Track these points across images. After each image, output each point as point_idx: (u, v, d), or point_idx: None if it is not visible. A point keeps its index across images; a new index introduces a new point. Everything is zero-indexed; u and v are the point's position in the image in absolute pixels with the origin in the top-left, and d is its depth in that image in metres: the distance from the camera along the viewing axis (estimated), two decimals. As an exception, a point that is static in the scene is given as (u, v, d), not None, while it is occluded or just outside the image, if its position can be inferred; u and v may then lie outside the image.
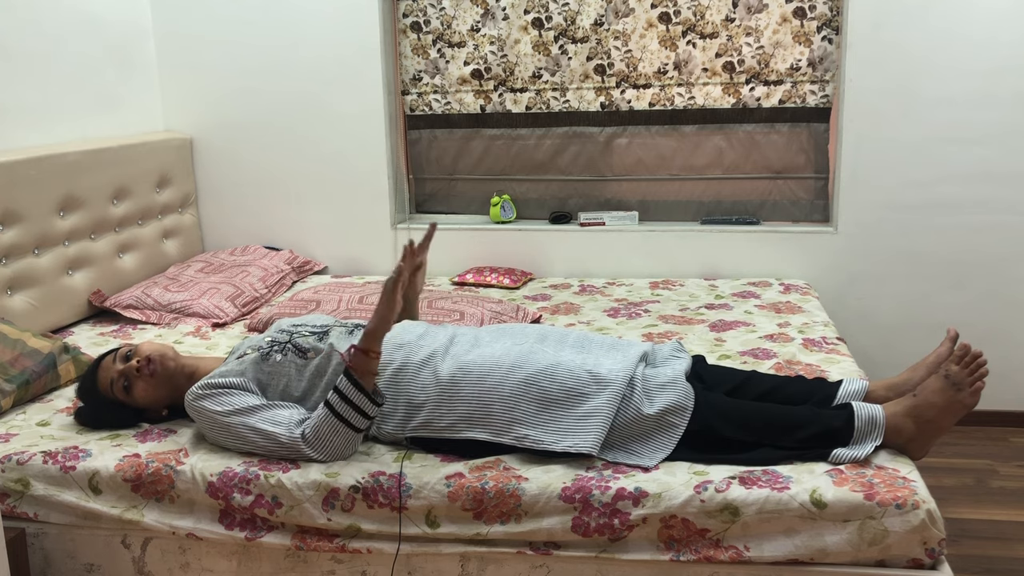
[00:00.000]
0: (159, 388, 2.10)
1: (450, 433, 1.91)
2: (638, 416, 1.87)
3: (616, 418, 1.87)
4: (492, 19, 3.50)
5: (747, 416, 1.89)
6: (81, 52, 3.18)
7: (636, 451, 1.87)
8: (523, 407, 1.89)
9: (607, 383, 1.89)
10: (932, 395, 1.83)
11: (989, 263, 3.25)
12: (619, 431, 1.88)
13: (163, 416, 2.15)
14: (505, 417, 1.89)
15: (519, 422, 1.88)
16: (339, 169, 3.61)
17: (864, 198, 3.28)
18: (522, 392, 1.90)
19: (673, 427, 1.87)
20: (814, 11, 3.28)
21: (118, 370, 2.09)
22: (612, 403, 1.87)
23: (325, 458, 1.88)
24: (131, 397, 2.09)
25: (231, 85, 3.61)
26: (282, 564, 1.91)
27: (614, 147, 3.55)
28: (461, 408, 1.91)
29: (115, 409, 2.12)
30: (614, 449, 1.88)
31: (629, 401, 1.88)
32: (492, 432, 1.89)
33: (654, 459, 1.84)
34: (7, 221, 2.74)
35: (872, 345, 3.29)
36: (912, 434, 1.83)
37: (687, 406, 1.87)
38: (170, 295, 3.06)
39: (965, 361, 1.82)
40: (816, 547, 1.69)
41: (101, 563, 1.98)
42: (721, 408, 1.90)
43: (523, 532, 1.78)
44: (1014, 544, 2.55)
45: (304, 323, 2.16)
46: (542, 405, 1.89)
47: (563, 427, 1.87)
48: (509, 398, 1.90)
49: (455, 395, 1.92)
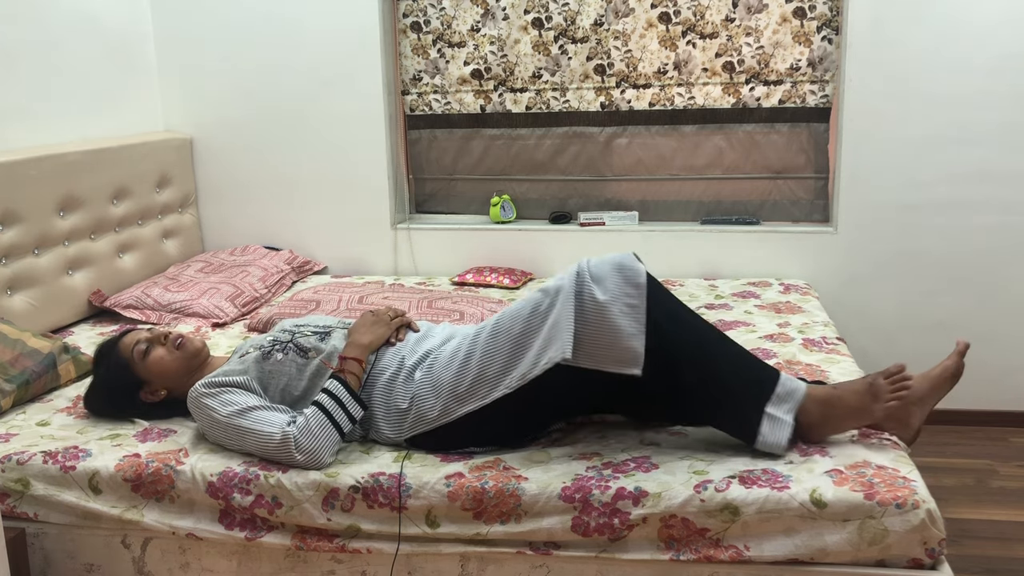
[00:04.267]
0: (174, 363, 2.12)
1: (445, 418, 1.92)
2: (594, 302, 1.80)
3: (577, 319, 1.80)
4: (492, 19, 3.50)
5: (697, 331, 1.90)
6: (81, 52, 3.18)
7: (605, 346, 1.80)
8: (497, 360, 1.89)
9: (558, 292, 1.85)
10: (849, 395, 1.86)
11: (989, 263, 3.25)
12: (585, 331, 1.80)
13: (159, 398, 2.15)
14: (487, 377, 1.89)
15: (502, 373, 1.88)
16: (339, 169, 3.61)
17: (864, 198, 3.28)
18: (490, 346, 1.90)
19: (635, 309, 1.80)
20: (814, 11, 3.28)
21: (146, 335, 2.15)
22: (568, 302, 1.81)
23: (307, 459, 1.86)
24: (145, 362, 2.11)
25: (231, 85, 3.61)
26: (282, 564, 1.91)
27: (614, 147, 3.55)
28: (445, 391, 1.92)
29: (118, 372, 2.13)
30: (592, 356, 1.81)
31: (582, 296, 1.82)
32: (481, 397, 1.89)
33: (632, 356, 1.77)
34: (7, 221, 2.74)
35: (872, 345, 3.29)
36: (815, 420, 1.86)
37: (639, 281, 1.82)
38: (170, 295, 3.06)
39: (895, 377, 1.83)
40: (816, 547, 1.69)
41: (101, 563, 1.98)
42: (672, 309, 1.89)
43: (523, 532, 1.78)
44: (1014, 544, 2.55)
45: (307, 323, 2.17)
46: (513, 346, 1.88)
47: (538, 350, 1.85)
48: (481, 359, 1.90)
49: (435, 385, 1.94)
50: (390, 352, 2.05)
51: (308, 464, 1.86)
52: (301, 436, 1.86)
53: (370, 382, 2.00)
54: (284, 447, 1.86)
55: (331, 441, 1.88)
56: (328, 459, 1.88)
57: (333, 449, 1.90)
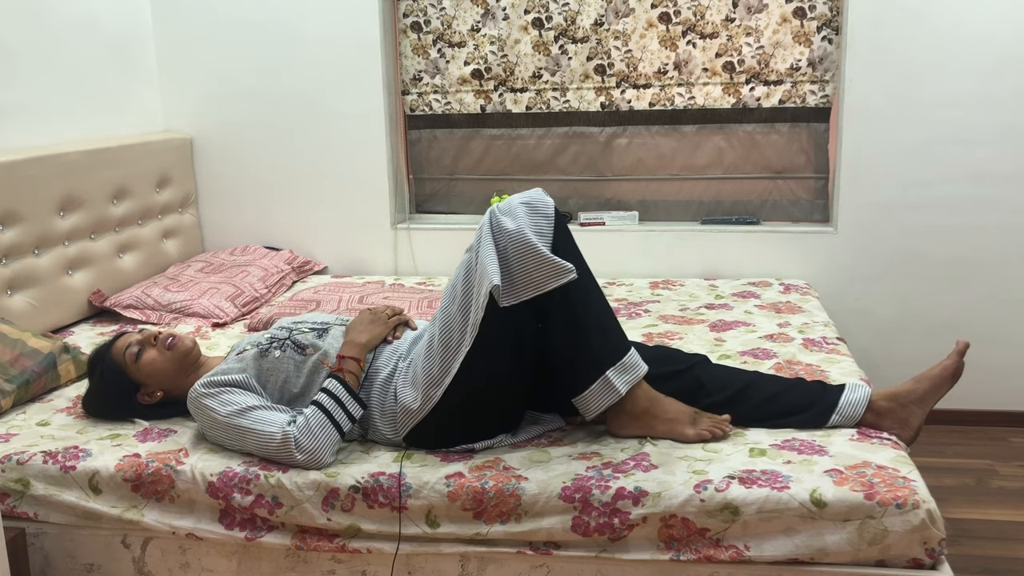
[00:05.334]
0: (166, 363, 2.11)
1: (428, 404, 1.90)
2: (509, 235, 1.82)
3: (500, 255, 1.83)
4: (492, 19, 3.50)
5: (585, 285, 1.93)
6: (81, 52, 3.18)
7: (532, 269, 1.82)
8: (454, 327, 1.88)
9: (477, 239, 1.88)
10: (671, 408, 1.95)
11: (989, 263, 3.25)
12: (509, 263, 1.83)
13: (155, 399, 2.15)
14: (450, 346, 1.88)
15: (459, 335, 1.87)
16: (339, 169, 3.61)
17: (864, 198, 3.28)
18: (443, 319, 1.91)
19: (543, 236, 1.85)
20: (814, 11, 3.28)
21: (137, 338, 2.14)
22: (486, 241, 1.84)
23: (308, 459, 1.86)
24: (137, 365, 2.10)
25: (231, 85, 3.61)
26: (282, 564, 1.91)
27: (614, 147, 3.55)
28: (421, 379, 1.91)
29: (113, 376, 2.12)
30: (526, 285, 1.83)
31: (500, 233, 1.84)
32: (451, 368, 1.87)
33: (559, 267, 1.82)
34: (7, 221, 2.74)
35: (872, 345, 3.29)
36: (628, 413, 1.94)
37: (548, 212, 1.89)
38: (170, 295, 3.06)
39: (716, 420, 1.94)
40: (816, 547, 1.69)
41: (101, 563, 1.98)
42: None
43: (523, 532, 1.78)
44: (1014, 544, 2.55)
45: (304, 320, 2.17)
46: (461, 308, 1.88)
47: (476, 296, 1.85)
48: (441, 333, 1.90)
49: (412, 379, 1.94)
50: (387, 351, 2.05)
51: (308, 464, 1.86)
52: (301, 436, 1.86)
53: (367, 381, 2.01)
54: (285, 447, 1.86)
55: (331, 441, 1.88)
56: (328, 459, 1.88)
57: (333, 449, 1.90)
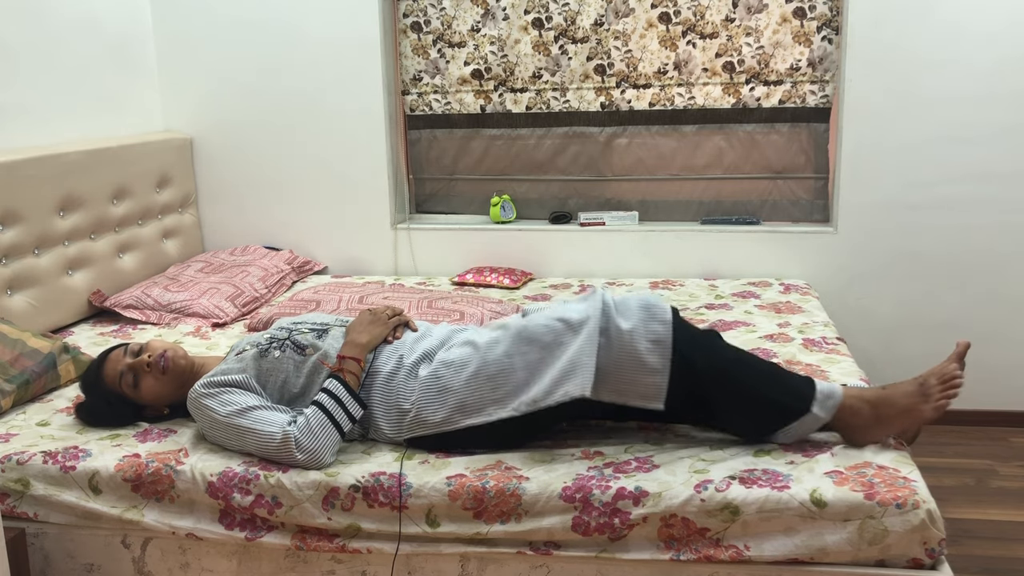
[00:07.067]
0: (167, 385, 2.10)
1: (447, 426, 1.91)
2: (620, 337, 1.81)
3: (600, 355, 1.81)
4: (492, 19, 3.50)
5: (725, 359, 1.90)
6: (81, 52, 3.18)
7: (627, 381, 1.81)
8: (510, 381, 1.88)
9: (581, 324, 1.86)
10: (900, 396, 1.85)
11: (989, 263, 3.25)
12: (608, 363, 1.82)
13: (163, 415, 2.15)
14: (496, 396, 1.88)
15: (512, 395, 1.88)
16: (339, 169, 3.61)
17: (864, 198, 3.28)
18: (504, 366, 1.89)
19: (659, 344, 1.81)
20: (814, 11, 3.28)
21: (128, 364, 2.09)
22: (591, 340, 1.82)
23: (308, 459, 1.86)
24: (137, 392, 2.09)
25: (231, 85, 3.61)
26: (282, 564, 1.91)
27: (614, 147, 3.55)
28: (451, 401, 1.91)
29: (118, 404, 2.11)
30: (614, 390, 1.83)
31: (608, 331, 1.83)
32: (487, 414, 1.89)
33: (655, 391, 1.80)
34: (7, 221, 2.74)
35: (872, 345, 3.28)
36: (865, 421, 1.85)
37: (665, 318, 1.83)
38: (170, 295, 3.06)
39: (944, 376, 1.83)
40: (816, 546, 1.68)
41: (101, 563, 1.98)
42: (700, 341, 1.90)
43: (523, 532, 1.78)
44: (1014, 544, 2.55)
45: (304, 321, 2.16)
46: (528, 371, 1.88)
47: (553, 380, 1.84)
48: (494, 377, 1.89)
49: (441, 391, 1.92)
50: (387, 351, 2.05)
51: (309, 464, 1.86)
52: (302, 436, 1.86)
53: (368, 381, 2.01)
54: (285, 447, 1.86)
55: (332, 441, 1.88)
56: (329, 459, 1.88)
57: (334, 449, 1.90)
